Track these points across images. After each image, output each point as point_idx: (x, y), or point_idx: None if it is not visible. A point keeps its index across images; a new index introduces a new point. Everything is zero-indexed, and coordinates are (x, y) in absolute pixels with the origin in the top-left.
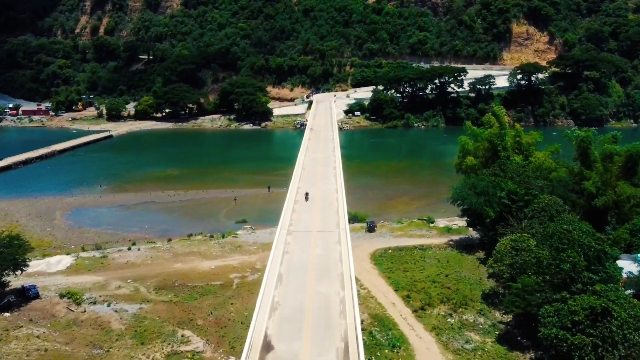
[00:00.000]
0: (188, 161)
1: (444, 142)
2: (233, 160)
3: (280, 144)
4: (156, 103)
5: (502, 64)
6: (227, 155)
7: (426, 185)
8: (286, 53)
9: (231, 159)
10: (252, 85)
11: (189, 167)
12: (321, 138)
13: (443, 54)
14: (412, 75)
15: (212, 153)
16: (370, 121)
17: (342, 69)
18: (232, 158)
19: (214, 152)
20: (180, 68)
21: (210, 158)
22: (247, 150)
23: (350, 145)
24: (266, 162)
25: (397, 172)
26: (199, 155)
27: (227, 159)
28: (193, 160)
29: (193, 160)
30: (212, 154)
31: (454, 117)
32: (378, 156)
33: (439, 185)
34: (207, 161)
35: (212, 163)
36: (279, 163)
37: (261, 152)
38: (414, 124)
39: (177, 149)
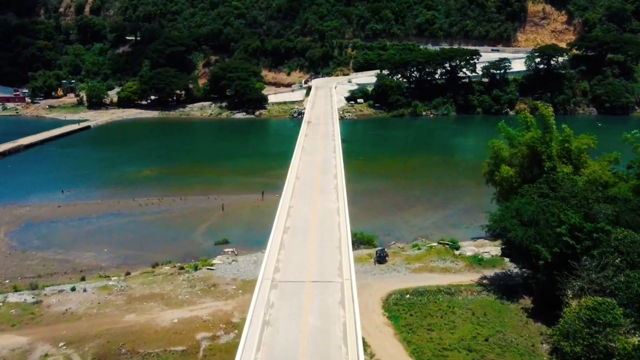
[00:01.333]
0: (170, 158)
1: (455, 132)
2: (221, 156)
3: (276, 136)
4: (141, 89)
5: (516, 45)
6: (215, 150)
7: (442, 190)
8: (283, 34)
9: (219, 155)
10: (245, 69)
11: (170, 165)
12: (320, 134)
13: (452, 35)
14: (421, 59)
15: (198, 147)
16: (374, 109)
17: (343, 52)
18: (220, 153)
19: (200, 146)
20: (169, 50)
21: (195, 154)
22: (238, 144)
23: (352, 138)
24: (259, 160)
25: (406, 173)
26: (184, 151)
27: (214, 155)
28: (176, 157)
29: (176, 157)
30: (198, 149)
31: (465, 105)
32: (384, 151)
33: (457, 190)
34: (191, 157)
35: (197, 160)
36: (274, 160)
37: (254, 146)
38: (422, 113)
39: (160, 143)
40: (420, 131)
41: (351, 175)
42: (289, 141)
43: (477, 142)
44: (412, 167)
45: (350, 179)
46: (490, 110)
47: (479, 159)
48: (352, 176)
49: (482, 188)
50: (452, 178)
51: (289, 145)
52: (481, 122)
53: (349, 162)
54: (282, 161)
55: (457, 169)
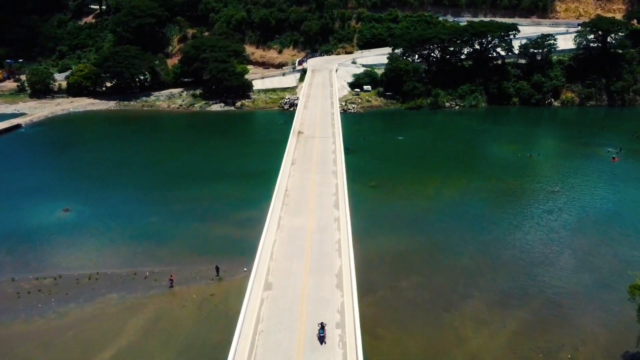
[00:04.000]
0: (103, 184)
1: (492, 134)
2: (177, 178)
3: (259, 140)
4: (94, 74)
5: (554, 17)
6: (170, 166)
7: (509, 256)
8: (274, 2)
9: (175, 177)
10: (224, 48)
11: (98, 198)
12: (315, 158)
13: (477, 4)
14: (444, 35)
15: (149, 161)
16: (384, 98)
17: (345, 24)
18: (177, 173)
19: (153, 160)
20: (136, 23)
21: (141, 174)
22: (206, 155)
23: (358, 143)
24: (229, 186)
25: (441, 211)
26: (126, 167)
27: (167, 176)
28: (111, 182)
29: (111, 182)
30: (148, 164)
31: (499, 94)
32: (402, 167)
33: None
34: (134, 182)
35: (140, 186)
36: (250, 187)
37: (227, 157)
38: (445, 104)
39: (101, 153)
40: (445, 131)
41: (360, 220)
42: (275, 148)
43: (530, 155)
44: (448, 200)
45: (359, 229)
46: (530, 100)
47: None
48: (362, 221)
49: None
50: (517, 229)
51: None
52: (519, 115)
53: (355, 190)
54: (260, 190)
55: (521, 209)
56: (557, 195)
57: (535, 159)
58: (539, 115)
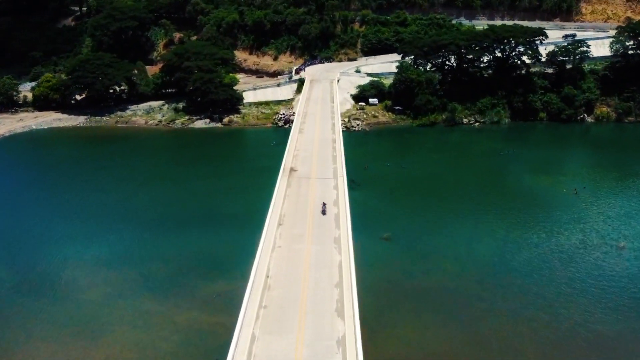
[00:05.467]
0: (32, 250)
1: (522, 161)
2: (134, 231)
3: (246, 170)
4: (63, 84)
5: (579, 19)
6: (131, 210)
7: None
8: (269, 3)
9: (131, 228)
10: (211, 55)
11: (18, 269)
12: (310, 202)
13: (493, 6)
14: (462, 42)
15: (105, 202)
16: (393, 113)
17: (348, 28)
18: (135, 222)
19: (110, 199)
20: (116, 26)
21: (90, 223)
22: (177, 192)
23: (363, 171)
24: (202, 241)
25: (484, 294)
26: (75, 212)
27: (123, 229)
28: (43, 249)
29: (43, 249)
30: (102, 208)
31: (524, 108)
32: (421, 210)
33: None
34: (75, 236)
35: (85, 242)
36: (229, 246)
37: (202, 195)
38: (463, 120)
39: (45, 191)
40: (466, 155)
41: (371, 297)
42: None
43: (575, 191)
44: (486, 262)
45: (370, 312)
46: (560, 116)
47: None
48: (373, 299)
49: None
50: (590, 314)
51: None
52: (549, 134)
53: (364, 246)
54: (241, 246)
55: (586, 277)
56: (626, 253)
57: (582, 196)
58: (571, 133)
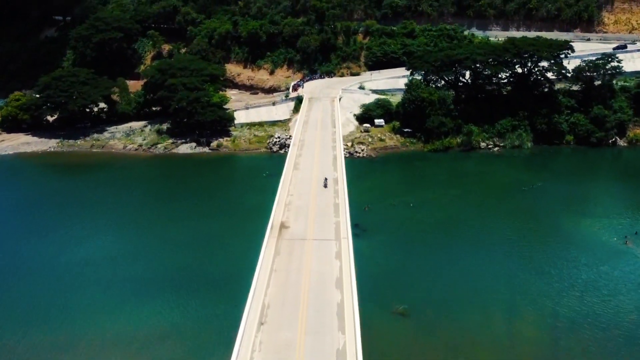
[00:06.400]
0: None
1: (554, 196)
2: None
3: (232, 209)
4: (33, 104)
5: (601, 30)
6: (80, 263)
7: None
8: (265, 13)
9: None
10: (199, 70)
11: None
12: (304, 280)
13: (508, 15)
14: (479, 57)
15: (53, 254)
16: (402, 136)
17: (351, 40)
18: (81, 281)
19: (60, 262)
20: (98, 38)
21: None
22: (145, 241)
23: (369, 213)
24: (167, 319)
25: None
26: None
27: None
28: None
29: None
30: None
31: (548, 130)
32: (443, 271)
33: None
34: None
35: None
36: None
37: (176, 246)
38: (480, 144)
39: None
40: (487, 189)
41: None
42: (252, 226)
43: (626, 240)
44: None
45: None
46: (589, 139)
47: None
48: None
49: None
50: None
51: (249, 243)
52: (578, 160)
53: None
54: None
55: None
56: None
57: (638, 244)
58: (602, 158)
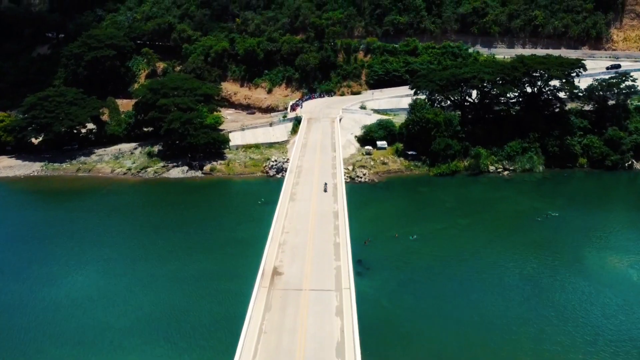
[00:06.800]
0: None
1: (574, 228)
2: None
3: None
4: (18, 125)
5: (610, 47)
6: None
7: None
8: (263, 30)
9: None
10: (192, 90)
11: None
12: (298, 340)
13: (513, 32)
14: (487, 76)
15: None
16: (406, 159)
17: (351, 57)
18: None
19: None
20: (90, 56)
21: None
22: (122, 282)
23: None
24: None
25: None
26: None
27: None
28: None
29: None
30: None
31: (560, 152)
32: (459, 328)
33: None
34: None
35: None
36: None
37: (157, 291)
38: (489, 167)
39: None
40: (500, 219)
41: None
42: (242, 267)
43: None
44: None
45: None
46: (604, 162)
47: None
48: None
49: None
50: None
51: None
52: (593, 185)
53: None
54: None
55: None
56: None
57: None
58: (619, 183)
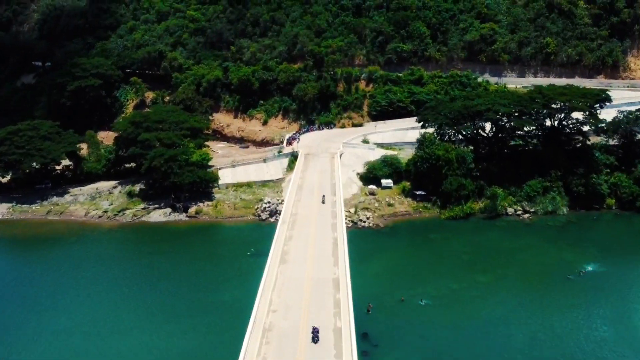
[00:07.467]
0: None
1: (614, 284)
2: None
3: (203, 312)
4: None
5: (627, 77)
6: None
7: None
8: (259, 58)
9: None
10: (178, 123)
11: None
12: None
13: (524, 61)
14: (504, 108)
15: None
16: (414, 200)
17: (352, 87)
18: None
19: None
20: (74, 85)
21: None
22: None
23: (379, 313)
24: None
25: None
26: None
27: None
28: None
29: None
30: None
31: (586, 192)
32: None
33: None
34: None
35: None
36: None
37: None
38: (507, 209)
39: None
40: (526, 274)
41: None
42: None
43: None
44: None
45: None
46: (634, 203)
47: None
48: None
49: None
50: None
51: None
52: (625, 231)
53: None
54: None
55: None
56: None
57: None
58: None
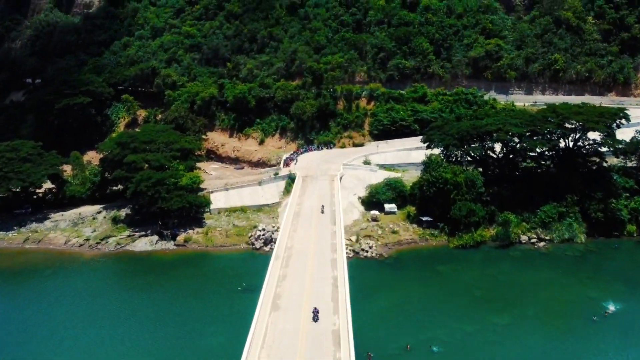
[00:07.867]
0: None
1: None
2: None
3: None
4: None
5: (639, 94)
6: None
7: None
8: (256, 75)
9: None
10: (167, 144)
11: None
12: None
13: (531, 78)
14: (515, 128)
15: None
16: (420, 227)
17: (353, 105)
18: None
19: None
20: (62, 103)
21: None
22: None
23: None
24: None
25: None
26: None
27: None
28: None
29: None
30: None
31: (605, 218)
32: None
33: None
34: None
35: None
36: None
37: None
38: (520, 237)
39: None
40: (543, 313)
41: None
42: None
43: None
44: None
45: None
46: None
47: None
48: None
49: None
50: None
51: None
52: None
53: None
54: None
55: None
56: None
57: None
58: None
